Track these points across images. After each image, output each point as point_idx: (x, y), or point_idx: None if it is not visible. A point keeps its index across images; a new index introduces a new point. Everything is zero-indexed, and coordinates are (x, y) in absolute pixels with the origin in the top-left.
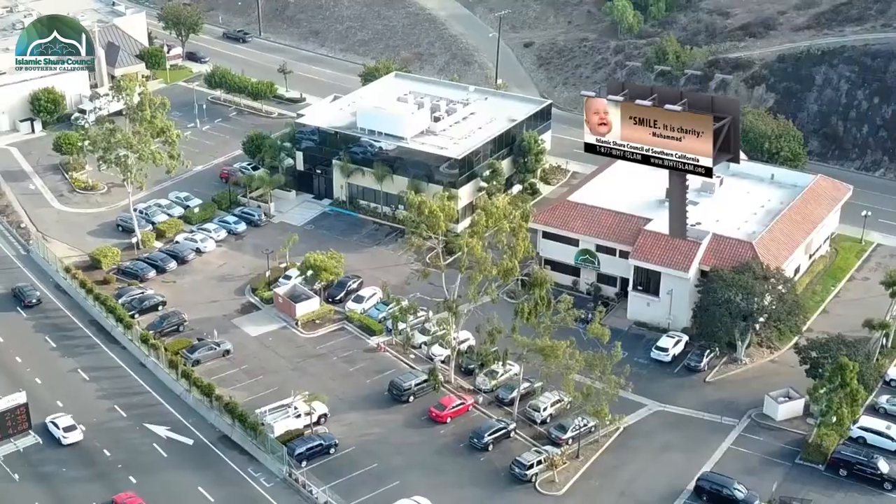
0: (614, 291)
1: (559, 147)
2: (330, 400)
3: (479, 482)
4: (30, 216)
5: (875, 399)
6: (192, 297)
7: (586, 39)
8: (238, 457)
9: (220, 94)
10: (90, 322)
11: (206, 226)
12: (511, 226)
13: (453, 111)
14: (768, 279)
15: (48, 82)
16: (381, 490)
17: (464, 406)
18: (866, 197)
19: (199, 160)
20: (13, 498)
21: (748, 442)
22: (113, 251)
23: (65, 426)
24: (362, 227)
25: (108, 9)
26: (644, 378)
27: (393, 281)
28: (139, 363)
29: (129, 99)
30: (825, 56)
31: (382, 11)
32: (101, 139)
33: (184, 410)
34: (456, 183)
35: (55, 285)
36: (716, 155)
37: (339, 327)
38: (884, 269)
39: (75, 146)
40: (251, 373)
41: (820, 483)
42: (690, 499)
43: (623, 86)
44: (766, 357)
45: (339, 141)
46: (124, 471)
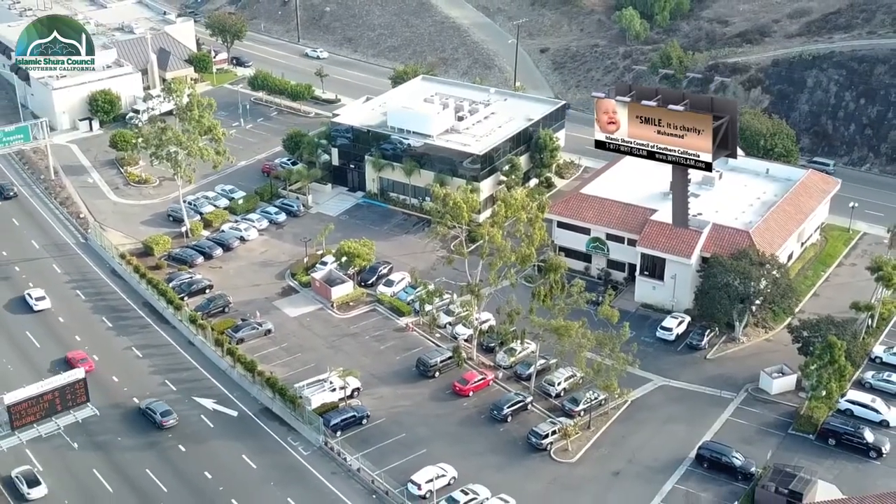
0: (623, 276)
1: (572, 144)
2: (362, 375)
3: (498, 451)
4: (88, 207)
5: (861, 375)
6: (237, 281)
7: (597, 45)
8: (278, 427)
9: (262, 95)
10: (143, 304)
11: (250, 216)
12: (528, 216)
13: (475, 111)
14: (764, 265)
15: (105, 84)
16: (408, 458)
17: (485, 381)
18: (853, 190)
19: (242, 156)
20: (73, 464)
21: (745, 414)
22: (164, 239)
23: (161, 411)
24: (392, 217)
25: (159, 17)
26: (650, 355)
27: (420, 266)
28: (188, 341)
29: (179, 100)
30: (816, 61)
31: (410, 20)
32: (153, 137)
33: (229, 385)
34: (478, 177)
35: (111, 270)
36: (715, 151)
37: (371, 309)
38: (869, 255)
39: (130, 143)
40: (290, 350)
41: (811, 451)
42: (692, 466)
43: (630, 88)
44: (761, 336)
45: (371, 138)
46: (174, 440)
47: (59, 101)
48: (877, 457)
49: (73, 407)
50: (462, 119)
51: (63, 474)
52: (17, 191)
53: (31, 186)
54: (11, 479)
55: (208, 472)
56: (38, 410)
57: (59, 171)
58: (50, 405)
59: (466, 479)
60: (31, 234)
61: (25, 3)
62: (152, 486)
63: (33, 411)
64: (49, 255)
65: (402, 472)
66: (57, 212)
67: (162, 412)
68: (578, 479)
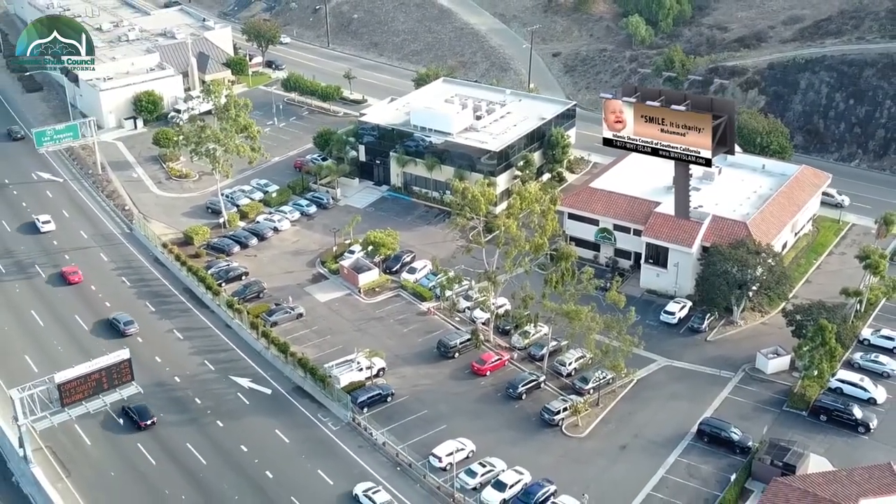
0: (629, 264)
1: (582, 141)
2: (387, 356)
3: (513, 426)
4: (133, 200)
5: (850, 355)
6: (271, 268)
7: (605, 50)
8: (309, 404)
9: (294, 96)
10: (184, 290)
11: (283, 208)
12: (541, 208)
13: (492, 111)
14: (760, 254)
15: (148, 86)
16: (430, 433)
17: (501, 361)
18: (843, 184)
19: (276, 152)
20: (118, 438)
21: (742, 392)
22: (203, 229)
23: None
24: (415, 209)
25: (199, 24)
26: (654, 338)
27: (441, 255)
28: (225, 324)
29: (217, 100)
30: (808, 64)
31: (432, 26)
32: (193, 135)
33: (263, 365)
34: (494, 172)
35: (154, 258)
36: (714, 148)
37: (395, 294)
38: (858, 245)
39: (171, 140)
40: (320, 333)
41: (803, 427)
42: (693, 440)
43: (636, 89)
44: (757, 320)
45: (396, 136)
46: (213, 415)
47: (106, 102)
48: (865, 432)
49: (119, 385)
50: (480, 118)
51: (109, 448)
52: (24, 133)
53: (80, 180)
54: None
55: (244, 446)
56: (86, 388)
57: (105, 167)
58: (97, 384)
59: (484, 453)
60: (80, 225)
61: (74, 11)
62: (192, 458)
63: (82, 389)
64: (96, 245)
65: (424, 446)
66: (104, 204)
67: (125, 322)
68: (588, 452)
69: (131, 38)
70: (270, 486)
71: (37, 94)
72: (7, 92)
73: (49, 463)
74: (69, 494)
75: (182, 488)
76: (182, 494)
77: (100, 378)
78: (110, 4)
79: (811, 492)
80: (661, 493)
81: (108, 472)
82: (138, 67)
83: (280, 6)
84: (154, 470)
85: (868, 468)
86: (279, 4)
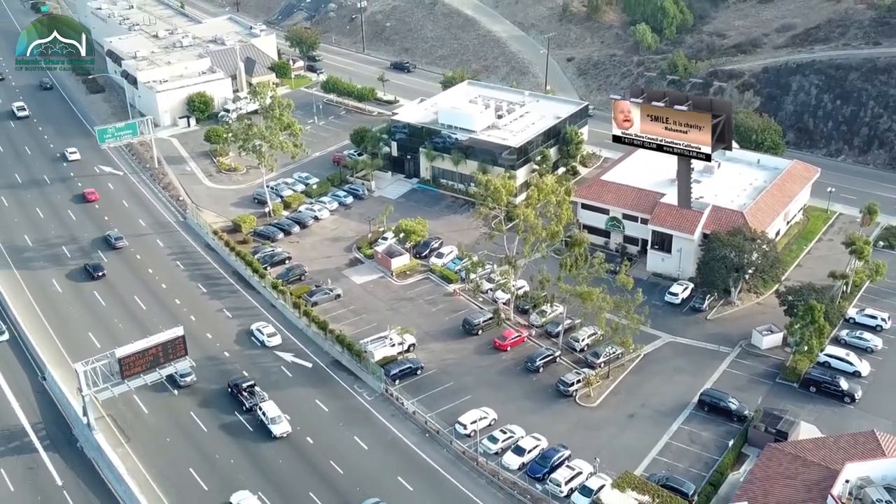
0: (636, 249)
1: (594, 138)
2: (417, 333)
3: (531, 397)
4: (186, 191)
5: (837, 333)
6: (311, 253)
7: (615, 55)
8: (346, 376)
9: (332, 97)
10: (232, 273)
11: (322, 198)
12: (557, 199)
13: (512, 110)
14: (755, 240)
15: (200, 88)
16: (456, 402)
17: (520, 338)
18: (831, 177)
19: (316, 148)
20: (173, 407)
21: (739, 366)
22: (250, 218)
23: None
24: (442, 199)
25: (246, 31)
26: (659, 316)
27: (466, 241)
28: (270, 304)
29: (263, 101)
30: (799, 68)
31: (458, 34)
32: (241, 132)
33: (305, 341)
34: (514, 166)
35: (205, 244)
36: (714, 144)
37: (424, 277)
38: (844, 233)
39: (221, 137)
40: (356, 312)
41: (794, 397)
42: (695, 410)
43: (642, 91)
44: (753, 300)
45: (425, 133)
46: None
47: (162, 102)
48: (850, 402)
49: (174, 359)
50: (501, 117)
51: (165, 416)
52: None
53: (139, 174)
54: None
55: (287, 415)
56: (144, 362)
57: (161, 161)
58: (154, 358)
59: (505, 421)
60: (139, 214)
61: (133, 20)
62: (240, 426)
63: (140, 363)
64: (153, 232)
65: (450, 415)
66: (160, 195)
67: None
68: (599, 420)
69: (185, 45)
70: (311, 450)
71: (99, 96)
72: (73, 94)
73: (110, 430)
74: (128, 458)
75: (231, 453)
76: (231, 459)
77: (156, 353)
78: (166, 14)
79: (802, 457)
80: (665, 458)
81: (163, 437)
82: (191, 71)
83: (320, 15)
84: (205, 437)
85: (853, 435)
86: (319, 14)
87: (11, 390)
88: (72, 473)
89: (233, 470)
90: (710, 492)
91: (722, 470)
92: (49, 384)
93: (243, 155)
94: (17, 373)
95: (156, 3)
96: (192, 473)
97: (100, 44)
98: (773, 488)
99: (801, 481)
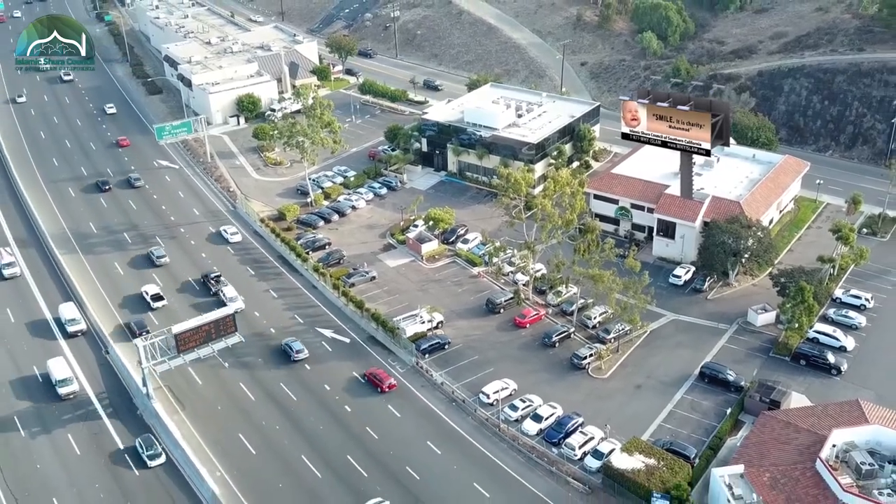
0: (643, 236)
1: (605, 135)
2: (444, 311)
3: (548, 369)
4: (236, 183)
5: (825, 311)
6: (349, 239)
7: (624, 60)
8: (381, 351)
9: (368, 98)
10: (278, 257)
11: (359, 190)
12: (571, 190)
13: (531, 110)
14: (751, 227)
15: (249, 90)
16: (480, 374)
17: (538, 316)
18: (819, 170)
19: (353, 144)
20: (224, 379)
21: (736, 341)
22: (294, 207)
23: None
24: (468, 191)
25: (290, 38)
26: (664, 296)
27: (489, 228)
28: (312, 285)
29: (305, 101)
30: (791, 72)
31: (482, 41)
32: (285, 129)
33: (343, 318)
34: (533, 160)
35: (253, 231)
36: (713, 141)
37: (451, 261)
38: (831, 221)
39: (268, 134)
40: (390, 292)
41: (786, 370)
42: (696, 381)
43: (648, 92)
44: (749, 282)
45: (452, 131)
46: (301, 360)
47: (214, 102)
48: (837, 374)
49: (225, 335)
50: (521, 116)
51: (216, 386)
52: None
53: (193, 167)
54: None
55: (327, 385)
56: (197, 338)
57: (214, 156)
58: (207, 334)
59: (524, 391)
60: (193, 204)
61: (188, 28)
62: (285, 395)
63: (194, 338)
64: (206, 220)
65: (474, 385)
66: (212, 186)
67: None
68: (609, 390)
69: (235, 51)
70: (349, 418)
71: (157, 97)
72: (133, 94)
73: (167, 399)
74: (183, 425)
75: (276, 420)
76: (276, 425)
77: (209, 329)
78: (218, 23)
79: (793, 423)
80: (669, 424)
81: (215, 406)
82: (240, 74)
83: (357, 24)
84: (253, 405)
85: (839, 404)
86: (356, 22)
87: (78, 364)
88: (132, 439)
89: (278, 435)
90: (710, 455)
91: (721, 435)
92: (112, 358)
93: (287, 150)
94: (82, 348)
95: (208, 13)
96: (241, 438)
97: (158, 49)
98: (767, 452)
99: (793, 446)
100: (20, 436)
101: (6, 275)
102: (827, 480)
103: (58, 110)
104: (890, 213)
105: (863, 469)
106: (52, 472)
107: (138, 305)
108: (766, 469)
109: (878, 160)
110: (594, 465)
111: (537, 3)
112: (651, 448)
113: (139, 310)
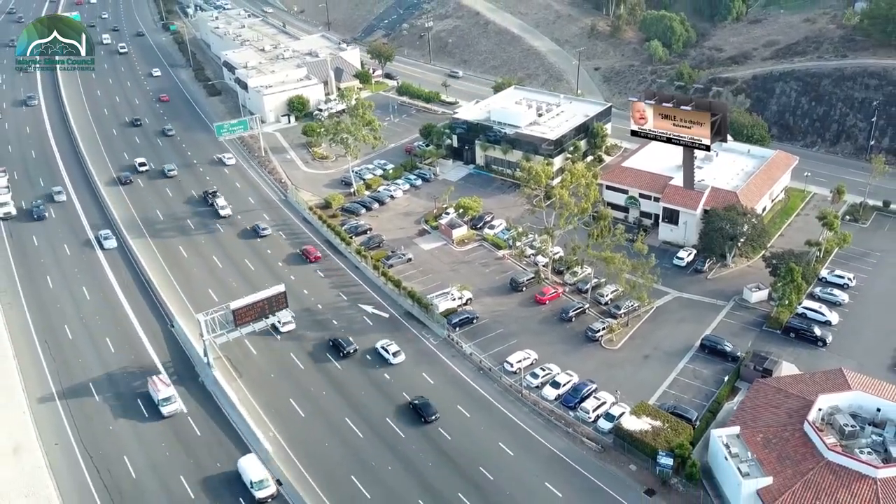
0: (650, 222)
1: (616, 133)
2: (473, 289)
3: (565, 341)
4: (287, 175)
5: (812, 289)
6: (388, 225)
7: (633, 65)
8: (416, 325)
9: (405, 99)
10: (324, 241)
11: (397, 181)
12: (586, 181)
13: (550, 110)
14: (746, 215)
15: (298, 92)
16: (504, 346)
17: (556, 293)
18: (807, 164)
19: (392, 140)
20: (276, 349)
21: (733, 316)
22: (339, 197)
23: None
24: (493, 182)
25: (335, 46)
26: (668, 276)
27: (512, 215)
28: (355, 266)
29: (349, 102)
30: (782, 76)
31: (506, 48)
32: (331, 127)
33: (382, 295)
34: (552, 154)
35: (303, 218)
36: (712, 137)
37: (479, 244)
38: (818, 209)
39: (316, 132)
40: (424, 272)
41: (778, 342)
42: (697, 352)
43: (655, 94)
44: (744, 263)
45: (480, 128)
46: (345, 333)
47: (268, 103)
48: (823, 346)
49: (278, 310)
50: (541, 115)
51: (269, 356)
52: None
53: (248, 161)
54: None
55: (368, 356)
56: (253, 313)
57: (267, 151)
58: (261, 310)
59: (543, 360)
60: (249, 194)
61: (245, 37)
62: (330, 364)
63: (250, 314)
64: (260, 208)
65: (500, 356)
66: (266, 178)
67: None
68: (620, 360)
69: (286, 57)
70: (387, 384)
71: (217, 98)
72: (195, 96)
73: (226, 368)
74: (241, 391)
75: (323, 387)
76: (323, 391)
77: (263, 305)
78: (270, 32)
79: (783, 389)
80: (673, 390)
81: (269, 374)
82: (291, 78)
83: (395, 33)
84: (302, 373)
85: (825, 372)
86: (394, 31)
87: (147, 336)
88: (195, 403)
89: (324, 400)
90: (710, 418)
91: (719, 400)
92: (176, 331)
93: (333, 146)
94: (150, 322)
95: (262, 23)
96: (292, 403)
97: (217, 56)
98: (760, 415)
99: (783, 409)
100: (95, 401)
101: (165, 413)
102: (814, 440)
103: (128, 111)
104: (870, 202)
105: (845, 430)
106: (123, 433)
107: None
108: (760, 430)
109: (859, 155)
110: (606, 427)
111: (556, 14)
112: (657, 411)
113: (202, 288)
